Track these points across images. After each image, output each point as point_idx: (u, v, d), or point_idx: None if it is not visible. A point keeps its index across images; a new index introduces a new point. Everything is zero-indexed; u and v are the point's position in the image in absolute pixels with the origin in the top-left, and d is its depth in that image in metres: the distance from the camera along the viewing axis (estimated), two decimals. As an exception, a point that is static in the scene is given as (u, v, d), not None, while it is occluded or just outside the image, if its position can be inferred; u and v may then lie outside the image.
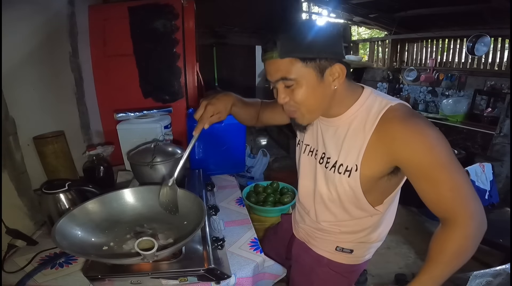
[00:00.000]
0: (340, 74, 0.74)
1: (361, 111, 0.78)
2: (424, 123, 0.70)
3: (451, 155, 0.69)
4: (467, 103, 3.47)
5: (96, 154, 1.44)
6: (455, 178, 0.68)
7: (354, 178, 0.80)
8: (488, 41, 3.21)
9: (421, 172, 0.70)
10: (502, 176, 2.72)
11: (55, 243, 0.76)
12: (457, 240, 0.71)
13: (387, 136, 0.72)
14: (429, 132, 0.69)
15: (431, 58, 4.06)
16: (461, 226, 0.69)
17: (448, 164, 0.68)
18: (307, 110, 0.78)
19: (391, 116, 0.73)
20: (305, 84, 0.73)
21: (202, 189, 1.31)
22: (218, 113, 0.94)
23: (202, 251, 0.92)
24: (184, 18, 1.78)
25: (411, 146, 0.69)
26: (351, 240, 0.95)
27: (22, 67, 1.23)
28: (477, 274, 1.18)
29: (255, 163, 2.93)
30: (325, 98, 0.77)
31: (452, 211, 0.70)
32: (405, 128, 0.70)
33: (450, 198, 0.69)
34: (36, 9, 1.31)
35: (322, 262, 0.99)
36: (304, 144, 0.99)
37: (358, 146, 0.77)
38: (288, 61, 0.70)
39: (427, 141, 0.68)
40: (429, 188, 0.71)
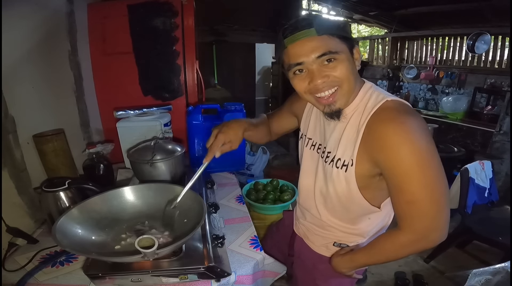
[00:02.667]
0: (358, 57, 0.77)
1: (359, 106, 0.79)
2: (412, 128, 0.68)
3: (428, 169, 0.68)
4: (467, 101, 3.47)
5: (96, 152, 1.44)
6: (418, 193, 0.69)
7: (350, 173, 0.79)
8: (488, 39, 3.21)
9: (390, 176, 0.71)
10: (502, 174, 2.72)
11: (55, 242, 0.76)
12: (396, 246, 0.78)
13: (374, 133, 0.72)
14: (412, 139, 0.67)
15: (431, 56, 4.05)
16: (403, 235, 0.75)
17: (418, 178, 0.68)
18: (348, 87, 0.75)
19: (381, 113, 0.73)
20: (345, 59, 0.73)
21: (202, 187, 1.31)
22: (229, 142, 0.94)
23: (202, 249, 0.92)
24: (183, 16, 1.77)
25: (389, 147, 0.68)
26: (349, 239, 0.94)
27: (22, 65, 1.23)
28: (476, 272, 1.19)
29: (255, 160, 2.93)
30: (356, 76, 0.77)
31: (402, 219, 0.74)
32: (388, 129, 0.69)
33: (405, 210, 0.72)
34: (35, 7, 1.31)
35: (323, 259, 0.99)
36: (307, 138, 0.98)
37: (353, 141, 0.78)
38: (327, 37, 0.71)
39: (405, 148, 0.67)
40: (392, 192, 0.74)
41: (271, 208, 1.64)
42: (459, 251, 2.25)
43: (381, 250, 0.83)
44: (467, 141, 3.13)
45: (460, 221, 2.06)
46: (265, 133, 1.11)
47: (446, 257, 2.16)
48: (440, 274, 2.06)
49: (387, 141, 0.68)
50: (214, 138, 0.94)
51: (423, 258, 2.22)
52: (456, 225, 2.08)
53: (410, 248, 0.77)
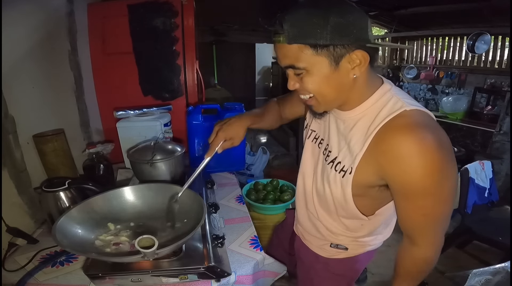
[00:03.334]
0: (362, 62, 0.63)
1: (371, 109, 0.70)
2: (432, 141, 0.59)
3: (445, 184, 0.63)
4: (467, 101, 3.47)
5: (96, 152, 1.44)
6: (435, 207, 0.66)
7: (347, 180, 0.74)
8: (488, 39, 3.21)
9: (402, 191, 0.66)
10: (502, 174, 2.72)
11: (55, 242, 0.76)
12: (418, 263, 0.76)
13: (382, 145, 0.65)
14: (431, 155, 0.59)
15: (431, 56, 4.05)
16: (421, 251, 0.73)
17: (435, 194, 0.63)
18: (322, 100, 0.70)
19: (397, 123, 0.64)
20: (316, 73, 0.64)
21: (202, 187, 1.31)
22: (230, 139, 0.94)
23: (202, 249, 0.92)
24: (183, 16, 1.77)
25: (401, 164, 0.61)
26: (345, 240, 0.92)
27: (22, 65, 1.23)
28: (476, 272, 1.19)
29: (255, 160, 2.93)
30: (343, 88, 0.67)
31: (418, 233, 0.72)
32: (404, 142, 0.60)
33: (422, 222, 0.69)
34: (35, 7, 1.31)
35: (320, 260, 0.98)
36: (310, 130, 0.94)
37: (357, 148, 0.71)
38: (297, 48, 0.61)
39: (422, 164, 0.60)
40: (404, 206, 0.69)
41: (271, 208, 1.64)
42: (459, 251, 2.25)
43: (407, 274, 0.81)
44: (467, 141, 3.13)
45: (460, 221, 2.06)
46: (274, 119, 1.08)
47: (446, 257, 2.16)
48: (440, 274, 2.06)
49: (401, 156, 0.61)
50: (215, 134, 0.94)
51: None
52: (456, 225, 2.08)
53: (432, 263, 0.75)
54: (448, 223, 0.71)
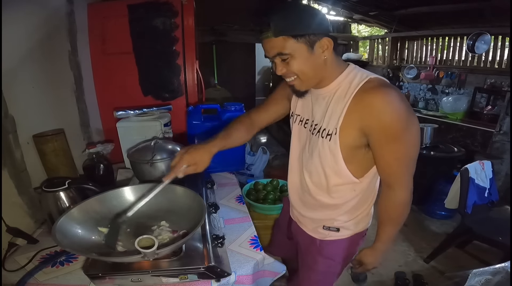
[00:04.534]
0: (329, 46, 0.82)
1: (345, 82, 0.87)
2: (396, 95, 0.78)
3: (410, 129, 0.79)
4: (467, 101, 3.47)
5: (96, 152, 1.44)
6: (404, 151, 0.82)
7: (334, 140, 0.86)
8: (488, 39, 3.21)
9: (380, 138, 0.81)
10: (502, 174, 2.72)
11: (55, 242, 0.76)
12: (397, 206, 0.91)
13: (361, 103, 0.81)
14: (397, 105, 0.77)
15: (431, 56, 4.05)
16: (398, 193, 0.88)
17: (404, 137, 0.79)
18: (304, 78, 0.86)
19: (368, 86, 0.82)
20: (298, 56, 0.81)
21: (202, 187, 1.31)
22: (194, 164, 0.95)
23: (202, 249, 0.92)
24: (183, 16, 1.78)
25: (378, 114, 0.78)
26: (335, 217, 1.00)
27: (22, 65, 1.23)
28: (476, 272, 1.19)
29: (255, 160, 2.93)
30: (318, 67, 0.85)
31: (392, 178, 0.87)
32: (377, 97, 0.78)
33: (394, 166, 0.84)
34: (35, 8, 1.31)
35: (314, 242, 1.05)
36: (295, 115, 1.05)
37: (338, 112, 0.85)
38: (282, 39, 0.78)
39: (393, 111, 0.77)
40: (381, 153, 0.83)
41: (271, 208, 1.64)
42: (459, 251, 2.24)
43: (389, 219, 0.95)
44: (467, 141, 3.13)
45: (460, 221, 2.06)
46: (243, 134, 1.12)
47: (446, 257, 2.16)
48: (440, 274, 2.06)
49: (376, 107, 0.78)
50: (179, 158, 0.95)
51: (423, 258, 2.22)
52: (456, 225, 2.08)
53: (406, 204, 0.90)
54: (414, 168, 0.86)
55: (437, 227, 2.64)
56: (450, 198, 2.12)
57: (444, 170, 2.71)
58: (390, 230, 0.97)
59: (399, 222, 0.94)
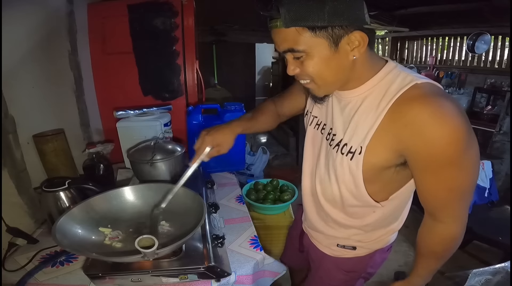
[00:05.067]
0: (361, 43, 0.63)
1: (379, 86, 0.68)
2: (452, 108, 0.59)
3: (468, 152, 0.61)
4: (467, 101, 3.47)
5: (96, 152, 1.44)
6: (460, 179, 0.64)
7: (357, 162, 0.70)
8: (488, 39, 3.21)
9: (424, 163, 0.63)
10: (502, 174, 2.72)
11: (55, 242, 0.76)
12: (444, 241, 0.73)
13: (401, 118, 0.62)
14: (454, 122, 0.58)
15: (431, 55, 4.05)
16: (446, 227, 0.71)
17: (460, 163, 0.61)
18: (322, 83, 0.69)
19: (412, 95, 0.62)
20: (316, 55, 0.63)
21: (202, 187, 1.31)
22: (217, 146, 0.90)
23: (202, 249, 0.92)
24: (183, 16, 1.77)
25: (425, 135, 0.59)
26: (350, 236, 0.88)
27: (22, 65, 1.22)
28: (477, 272, 1.19)
29: (255, 160, 2.93)
30: (342, 69, 0.67)
31: (442, 209, 0.69)
32: (425, 112, 0.58)
33: (445, 198, 0.67)
34: (34, 7, 1.31)
35: (328, 259, 0.96)
36: (312, 116, 0.90)
37: (367, 126, 0.68)
38: (295, 31, 0.61)
39: (448, 132, 0.58)
40: (427, 181, 0.66)
41: (271, 208, 1.64)
42: (459, 251, 2.21)
43: (432, 253, 0.78)
44: (467, 141, 3.12)
45: (460, 221, 2.06)
46: (270, 120, 1.04)
47: (446, 257, 2.16)
48: (440, 274, 2.06)
49: (422, 125, 0.59)
50: (202, 140, 0.89)
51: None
52: (456, 225, 2.07)
53: (459, 239, 0.72)
54: (472, 197, 0.69)
55: (437, 227, 2.63)
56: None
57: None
58: (432, 264, 0.80)
59: (444, 257, 0.77)
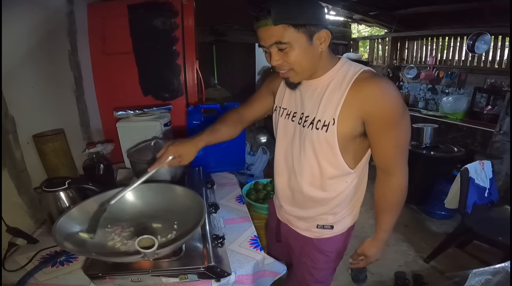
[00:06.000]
0: (326, 39, 0.83)
1: (339, 73, 0.88)
2: (391, 85, 0.83)
3: (406, 115, 0.84)
4: (467, 101, 3.47)
5: (96, 152, 1.44)
6: (401, 137, 0.85)
7: (332, 132, 0.86)
8: (488, 39, 3.21)
9: (380, 126, 0.83)
10: (502, 174, 2.72)
11: (55, 242, 0.76)
12: (396, 191, 0.92)
13: (361, 92, 0.82)
14: (395, 93, 0.81)
15: (431, 55, 4.05)
16: (396, 178, 0.90)
17: (401, 123, 0.83)
18: (300, 69, 0.86)
19: (364, 76, 0.84)
20: (297, 47, 0.80)
21: (202, 187, 1.31)
22: (179, 156, 0.98)
23: (202, 249, 0.92)
24: (183, 16, 1.78)
25: (378, 102, 0.81)
26: (327, 212, 1.00)
27: (22, 65, 1.23)
28: (476, 272, 1.18)
29: (255, 160, 2.93)
30: (314, 59, 0.85)
31: (391, 164, 0.89)
32: (377, 86, 0.81)
33: (393, 153, 0.87)
34: (34, 7, 1.31)
35: (309, 241, 1.06)
36: (282, 109, 1.03)
37: (335, 102, 0.85)
38: (282, 27, 0.77)
39: (391, 100, 0.81)
40: (381, 141, 0.86)
41: (271, 208, 1.63)
42: (459, 251, 2.25)
43: (389, 206, 0.95)
44: (467, 141, 3.13)
45: (460, 221, 2.06)
46: (232, 129, 1.13)
47: (446, 257, 2.16)
48: (440, 274, 2.06)
49: (377, 96, 0.81)
50: (166, 150, 0.97)
51: (423, 258, 2.22)
52: (456, 225, 2.08)
53: (405, 188, 0.92)
54: (407, 154, 0.90)
55: (437, 227, 2.64)
56: (450, 198, 2.12)
57: (444, 170, 2.71)
58: (390, 218, 0.97)
59: (398, 209, 0.95)
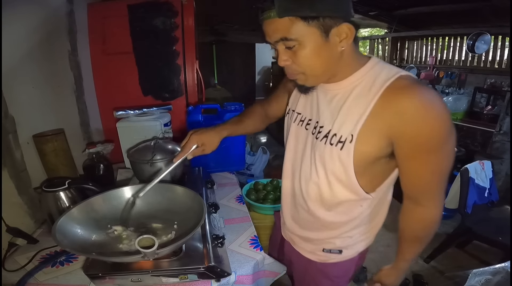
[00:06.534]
0: (348, 35, 0.66)
1: (366, 77, 0.71)
2: (437, 98, 0.64)
3: (450, 139, 0.65)
4: (467, 101, 3.47)
5: (96, 152, 1.44)
6: (442, 163, 0.68)
7: (347, 150, 0.71)
8: (488, 39, 3.21)
9: (412, 149, 0.66)
10: (502, 174, 2.72)
11: (55, 242, 0.76)
12: (425, 225, 0.78)
13: (393, 104, 0.65)
14: (439, 111, 0.63)
15: (431, 55, 4.05)
16: (428, 210, 0.75)
17: (442, 147, 0.66)
18: (312, 74, 0.71)
19: (400, 85, 0.66)
20: (308, 44, 0.65)
21: (202, 187, 1.31)
22: (202, 145, 0.96)
23: (202, 249, 0.92)
24: (183, 16, 1.78)
25: (416, 121, 0.63)
26: (337, 236, 0.86)
27: (22, 65, 1.23)
28: (476, 272, 1.19)
29: (255, 160, 2.93)
30: (331, 60, 0.69)
31: (423, 194, 0.73)
32: (416, 100, 0.63)
33: (429, 181, 0.71)
34: (34, 7, 1.31)
35: (314, 265, 0.94)
36: (295, 113, 0.90)
37: (358, 114, 0.69)
38: (288, 20, 0.63)
39: (434, 120, 0.63)
40: (413, 167, 0.69)
41: (271, 208, 1.63)
42: (459, 251, 2.24)
43: (415, 238, 0.81)
44: (467, 141, 3.13)
45: (460, 221, 2.06)
46: (257, 122, 1.09)
47: (446, 257, 2.16)
48: (440, 274, 2.06)
49: (413, 112, 0.63)
50: (188, 138, 0.95)
51: (423, 258, 2.21)
52: (456, 225, 2.07)
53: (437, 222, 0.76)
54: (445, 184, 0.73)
55: (437, 227, 2.63)
56: (450, 198, 2.12)
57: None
58: (415, 248, 0.83)
59: (427, 241, 0.81)
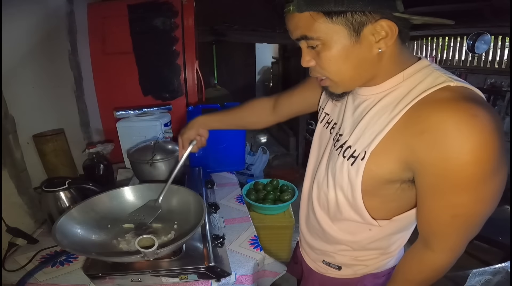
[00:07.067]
0: (389, 34, 0.52)
1: (405, 83, 0.57)
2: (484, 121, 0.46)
3: (493, 179, 0.49)
4: (467, 101, 3.47)
5: (96, 152, 1.44)
6: (471, 208, 0.52)
7: (357, 168, 0.60)
8: (488, 39, 3.21)
9: (436, 181, 0.52)
10: (502, 174, 2.72)
11: (55, 242, 0.76)
12: (427, 270, 0.63)
13: (418, 123, 0.51)
14: (484, 136, 0.46)
15: (431, 56, 4.05)
16: (436, 256, 0.60)
17: (478, 190, 0.50)
18: (339, 79, 0.59)
19: (439, 97, 0.50)
20: (333, 45, 0.54)
21: (202, 187, 1.31)
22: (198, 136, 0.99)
23: (202, 249, 0.92)
24: (183, 16, 1.77)
25: (444, 146, 0.48)
26: (337, 252, 0.77)
27: (22, 65, 1.23)
28: (476, 272, 1.19)
29: (255, 160, 2.93)
30: (364, 64, 0.57)
31: (438, 237, 0.58)
32: (450, 118, 0.47)
33: (446, 225, 0.55)
34: (34, 7, 1.31)
35: (314, 275, 0.88)
36: (324, 112, 0.80)
37: (377, 129, 0.58)
38: (309, 16, 0.53)
39: (471, 147, 0.46)
40: (430, 203, 0.55)
41: (271, 208, 1.64)
42: (459, 251, 2.24)
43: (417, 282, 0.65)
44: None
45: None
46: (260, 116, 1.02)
47: (446, 257, 2.16)
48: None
49: (444, 136, 0.47)
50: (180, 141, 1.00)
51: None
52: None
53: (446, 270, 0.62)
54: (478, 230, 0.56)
55: (437, 227, 2.63)
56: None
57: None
58: None
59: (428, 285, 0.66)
